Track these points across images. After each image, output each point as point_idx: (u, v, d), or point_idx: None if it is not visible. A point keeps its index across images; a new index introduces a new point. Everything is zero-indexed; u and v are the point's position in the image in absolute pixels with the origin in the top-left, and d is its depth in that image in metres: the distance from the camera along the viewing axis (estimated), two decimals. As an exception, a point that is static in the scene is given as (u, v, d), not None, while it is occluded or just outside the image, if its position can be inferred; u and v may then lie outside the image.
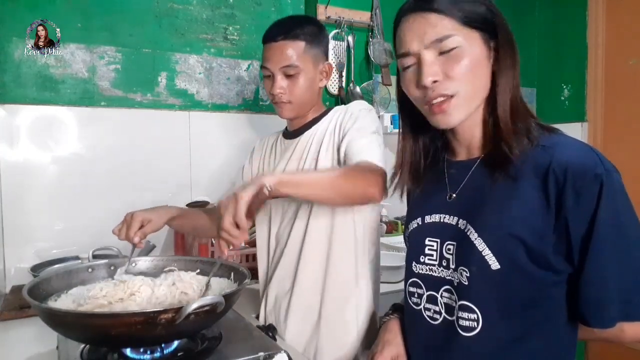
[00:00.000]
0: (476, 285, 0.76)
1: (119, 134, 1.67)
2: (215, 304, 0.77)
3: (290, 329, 1.14)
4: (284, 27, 1.14)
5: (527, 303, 0.75)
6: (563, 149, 0.73)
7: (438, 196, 0.87)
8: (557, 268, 0.73)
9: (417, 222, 0.90)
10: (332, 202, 1.01)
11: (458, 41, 0.75)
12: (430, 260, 0.85)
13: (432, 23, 0.76)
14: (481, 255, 0.75)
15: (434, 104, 0.78)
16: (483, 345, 0.77)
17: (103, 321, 0.75)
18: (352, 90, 2.12)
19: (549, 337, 0.76)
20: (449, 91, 0.76)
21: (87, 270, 1.04)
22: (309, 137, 1.18)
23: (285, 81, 1.14)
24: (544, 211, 0.72)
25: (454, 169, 0.87)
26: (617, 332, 0.73)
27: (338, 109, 1.19)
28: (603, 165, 0.71)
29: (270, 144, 1.31)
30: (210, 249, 1.56)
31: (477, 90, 0.78)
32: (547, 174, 0.72)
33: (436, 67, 0.76)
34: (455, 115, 0.78)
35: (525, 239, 0.73)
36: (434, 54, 0.76)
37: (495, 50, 0.78)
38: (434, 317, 0.84)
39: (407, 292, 0.90)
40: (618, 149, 2.23)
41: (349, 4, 2.11)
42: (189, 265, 1.10)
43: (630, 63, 2.21)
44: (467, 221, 0.79)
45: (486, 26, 0.77)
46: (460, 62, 0.75)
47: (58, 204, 1.58)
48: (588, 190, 0.69)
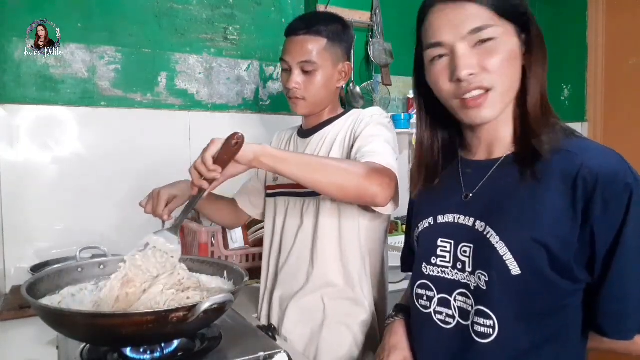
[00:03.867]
0: (495, 291, 0.74)
1: (119, 134, 1.67)
2: (225, 302, 0.78)
3: (294, 329, 1.13)
4: (308, 21, 1.12)
5: (544, 311, 0.73)
6: (593, 155, 0.71)
7: (452, 196, 0.84)
8: (577, 277, 0.71)
9: (428, 222, 0.86)
10: (321, 188, 0.89)
11: (495, 32, 0.72)
12: (442, 262, 0.82)
13: (469, 13, 0.73)
14: (502, 259, 0.72)
15: (468, 99, 0.74)
16: (498, 352, 0.74)
17: (114, 321, 0.74)
18: (352, 91, 2.11)
19: (563, 346, 0.74)
20: (485, 84, 0.73)
21: (77, 270, 1.03)
22: (321, 139, 1.16)
23: (302, 77, 1.12)
24: (570, 218, 0.70)
25: (471, 169, 0.84)
26: (628, 344, 0.71)
27: (353, 113, 1.17)
28: (633, 174, 0.69)
29: (286, 140, 1.29)
30: (210, 249, 1.57)
31: (512, 84, 0.76)
32: (575, 180, 0.69)
33: (473, 60, 0.73)
34: (491, 110, 0.75)
35: (549, 246, 0.70)
36: (468, 45, 0.73)
37: (526, 44, 0.76)
38: (446, 321, 0.81)
39: (415, 294, 0.86)
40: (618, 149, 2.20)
41: (349, 4, 2.11)
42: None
43: (630, 63, 2.21)
44: (487, 223, 0.76)
45: (519, 19, 0.75)
46: (497, 55, 0.72)
47: (58, 204, 1.58)
48: (617, 199, 0.67)
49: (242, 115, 1.90)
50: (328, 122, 1.18)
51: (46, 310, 0.78)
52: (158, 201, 1.10)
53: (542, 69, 0.76)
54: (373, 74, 2.18)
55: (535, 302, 0.73)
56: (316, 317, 1.11)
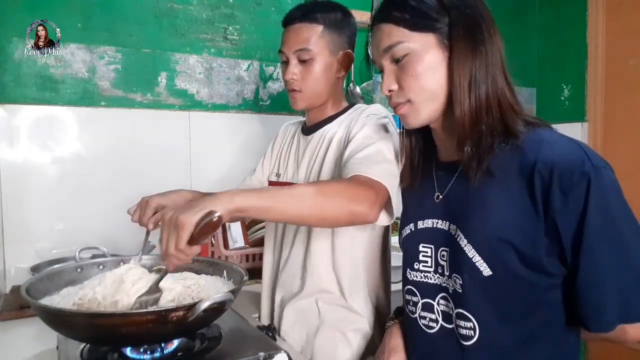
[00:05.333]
0: (469, 293, 0.74)
1: (119, 134, 1.67)
2: (225, 301, 0.78)
3: (290, 331, 1.13)
4: (304, 9, 1.08)
5: (524, 309, 0.73)
6: (548, 147, 0.70)
7: (428, 198, 0.85)
8: (551, 271, 0.71)
9: (410, 228, 0.88)
10: (312, 224, 0.90)
11: (407, 48, 0.76)
12: (425, 267, 0.83)
13: (383, 32, 0.79)
14: (472, 262, 0.73)
15: (396, 108, 0.82)
16: (483, 353, 0.74)
17: (114, 320, 0.74)
18: (352, 90, 2.11)
19: (554, 341, 0.74)
20: (401, 99, 0.79)
21: (76, 270, 1.03)
22: (320, 138, 1.12)
23: (299, 67, 1.07)
24: (533, 214, 0.69)
25: (442, 171, 0.85)
26: (619, 334, 0.70)
27: (354, 110, 1.11)
28: (591, 161, 0.67)
29: (290, 136, 1.25)
30: (210, 249, 1.57)
31: (431, 95, 0.77)
32: (532, 174, 0.69)
33: (392, 78, 0.80)
34: (414, 119, 0.80)
35: (515, 243, 0.70)
36: (390, 62, 0.80)
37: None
38: (430, 326, 0.82)
39: (404, 299, 0.88)
40: (618, 149, 2.23)
41: (349, 4, 2.10)
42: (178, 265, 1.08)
43: (630, 63, 2.21)
44: (457, 226, 0.77)
45: (436, 29, 0.75)
46: (410, 72, 0.77)
47: (58, 204, 1.58)
48: (575, 189, 0.66)
49: (242, 115, 1.90)
50: (330, 119, 1.13)
51: (46, 310, 0.78)
52: (145, 210, 1.04)
53: (470, 70, 0.74)
54: (373, 74, 2.18)
55: (513, 301, 0.73)
56: (312, 320, 1.10)
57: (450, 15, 0.75)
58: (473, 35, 0.74)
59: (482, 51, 0.74)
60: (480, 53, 0.74)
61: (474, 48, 0.74)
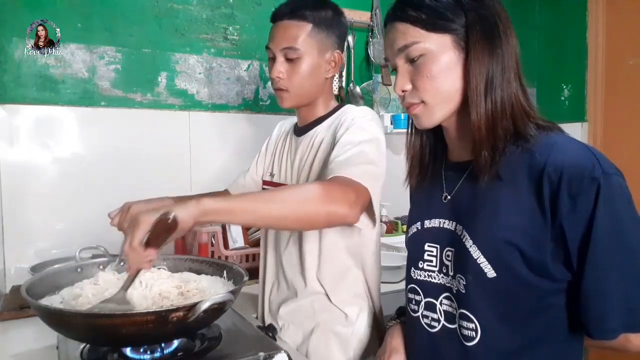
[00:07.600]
0: (473, 294, 0.74)
1: (119, 134, 1.67)
2: (225, 301, 0.78)
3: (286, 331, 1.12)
4: (292, 5, 1.04)
5: (527, 312, 0.72)
6: (559, 151, 0.69)
7: (436, 197, 0.85)
8: (556, 276, 0.70)
9: (416, 227, 0.87)
10: (290, 227, 0.88)
11: (423, 48, 0.74)
12: (429, 266, 0.83)
13: (398, 32, 0.77)
14: (476, 263, 0.73)
15: (408, 107, 0.80)
16: (486, 354, 0.74)
17: (114, 321, 0.74)
18: (352, 91, 2.12)
19: (555, 346, 0.73)
20: (416, 100, 0.78)
21: (76, 270, 1.02)
22: (310, 140, 1.11)
23: (285, 65, 1.04)
24: (540, 217, 0.69)
25: (451, 170, 0.85)
26: (622, 342, 0.69)
27: (342, 113, 1.08)
28: (602, 167, 0.66)
29: (285, 134, 1.24)
30: (210, 249, 1.57)
31: (446, 97, 0.76)
32: (541, 178, 0.68)
33: (406, 77, 0.78)
34: (427, 119, 0.79)
35: (521, 246, 0.70)
36: (404, 62, 0.78)
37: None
38: (432, 325, 0.82)
39: (407, 298, 0.88)
40: (618, 149, 2.23)
41: (349, 4, 2.11)
42: (178, 264, 1.07)
43: (630, 63, 2.21)
44: (463, 227, 0.77)
45: (453, 30, 0.74)
46: (425, 73, 0.75)
47: (58, 204, 1.58)
48: (584, 194, 0.65)
49: (242, 115, 1.90)
50: (319, 120, 1.11)
51: (46, 311, 0.78)
52: (126, 215, 1.04)
53: (486, 73, 0.73)
54: (373, 74, 2.18)
55: (516, 304, 0.72)
56: (307, 321, 1.10)
57: (467, 16, 0.73)
58: (490, 37, 0.73)
59: (499, 53, 0.73)
60: (497, 55, 0.73)
61: (491, 50, 0.73)
